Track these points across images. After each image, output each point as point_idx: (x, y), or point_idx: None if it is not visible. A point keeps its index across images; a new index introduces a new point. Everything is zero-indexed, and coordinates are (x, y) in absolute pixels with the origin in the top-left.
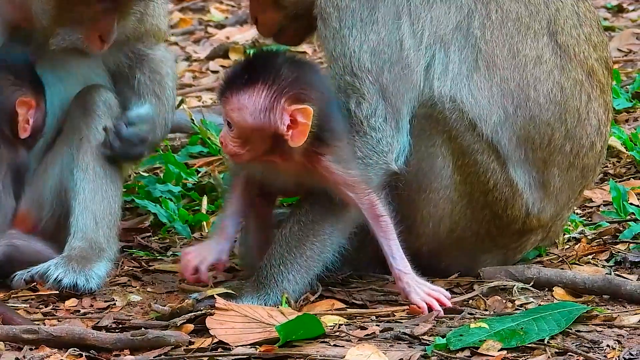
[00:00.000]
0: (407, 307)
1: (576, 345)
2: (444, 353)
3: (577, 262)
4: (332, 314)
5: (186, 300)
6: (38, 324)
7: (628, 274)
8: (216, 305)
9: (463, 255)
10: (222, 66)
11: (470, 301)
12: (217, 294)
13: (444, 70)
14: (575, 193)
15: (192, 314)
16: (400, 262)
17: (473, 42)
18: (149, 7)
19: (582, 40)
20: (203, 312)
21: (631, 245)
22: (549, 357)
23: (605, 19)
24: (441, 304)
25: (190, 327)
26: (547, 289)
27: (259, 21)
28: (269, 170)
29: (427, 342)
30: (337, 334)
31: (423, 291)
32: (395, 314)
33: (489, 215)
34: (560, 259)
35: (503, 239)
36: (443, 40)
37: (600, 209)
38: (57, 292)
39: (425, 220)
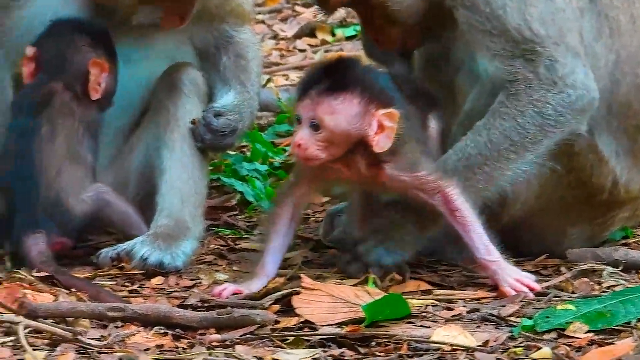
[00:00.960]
0: (495, 290)
1: None
2: (530, 335)
3: None
4: (418, 296)
5: (276, 278)
6: (124, 302)
7: None
8: (303, 284)
9: (550, 228)
10: (309, 45)
11: (557, 283)
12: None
13: (581, 38)
14: None
15: (280, 293)
16: (484, 251)
17: (600, 9)
18: None
19: None
20: (290, 291)
21: None
22: (635, 340)
23: None
24: (531, 289)
25: (277, 307)
26: (634, 271)
27: (380, 40)
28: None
29: (514, 324)
30: (424, 315)
31: (512, 277)
32: (481, 296)
33: (574, 181)
34: None
35: (590, 211)
36: (582, 7)
37: None
38: (143, 271)
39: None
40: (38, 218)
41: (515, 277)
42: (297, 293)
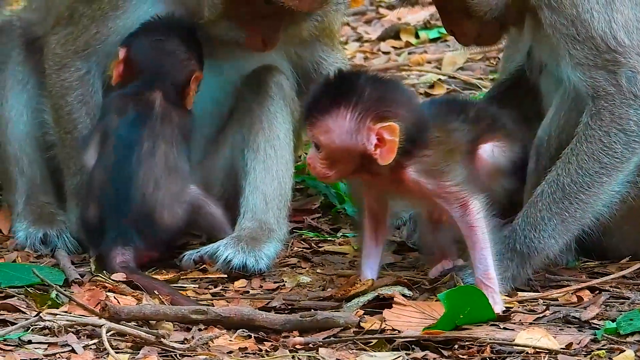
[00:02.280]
0: (576, 291)
1: None
2: (613, 337)
3: None
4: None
5: (366, 281)
6: (206, 305)
7: None
8: (395, 300)
9: (634, 228)
10: (393, 47)
11: None
12: (390, 295)
13: None
14: None
15: (367, 299)
16: (483, 273)
17: None
18: (327, 15)
19: None
20: (376, 294)
21: None
22: None
23: None
24: None
25: (360, 311)
26: None
27: (456, 33)
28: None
29: (597, 327)
30: (507, 317)
31: (498, 306)
32: (564, 299)
33: None
34: None
35: None
36: None
37: None
38: (226, 274)
39: None
40: (128, 234)
41: (500, 309)
42: (389, 306)
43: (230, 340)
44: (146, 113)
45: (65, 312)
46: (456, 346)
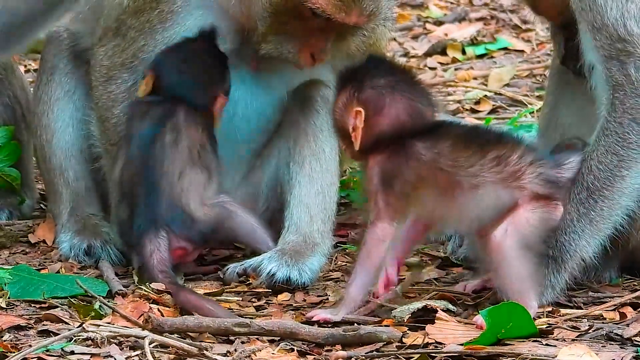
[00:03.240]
0: (619, 307)
1: None
2: None
3: None
4: (544, 316)
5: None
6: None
7: None
8: (438, 315)
9: None
10: (439, 62)
11: None
12: (437, 307)
13: None
14: None
15: (415, 307)
16: (355, 289)
17: None
18: (375, 30)
19: None
20: (424, 304)
21: None
22: None
23: None
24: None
25: (404, 327)
26: None
27: (540, 8)
28: None
29: (639, 344)
30: (550, 333)
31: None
32: (606, 316)
33: None
34: None
35: None
36: None
37: None
38: (269, 288)
39: None
40: (158, 219)
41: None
42: (432, 322)
43: (273, 354)
44: (170, 114)
45: (108, 323)
46: None
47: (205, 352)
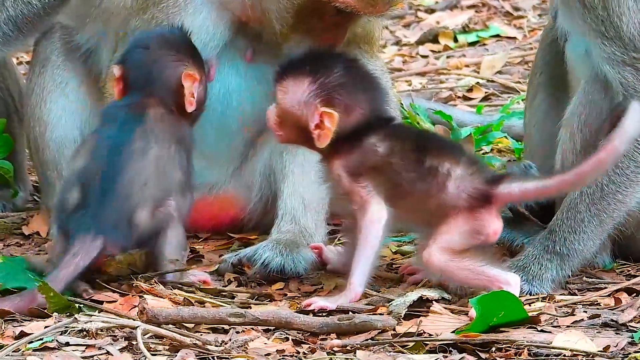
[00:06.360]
0: (614, 293)
1: None
2: None
3: None
4: (539, 302)
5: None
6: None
7: None
8: (432, 309)
9: None
10: (431, 50)
11: None
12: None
13: None
14: None
15: (412, 299)
16: (357, 277)
17: None
18: (370, 21)
19: None
20: (420, 295)
21: None
22: None
23: None
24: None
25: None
26: None
27: None
28: None
29: (634, 329)
30: (545, 320)
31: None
32: (601, 302)
33: None
34: None
35: None
36: None
37: None
38: (264, 277)
39: None
40: (101, 226)
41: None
42: (426, 315)
43: (268, 343)
44: (138, 117)
45: (102, 311)
46: (493, 349)
47: (199, 342)
